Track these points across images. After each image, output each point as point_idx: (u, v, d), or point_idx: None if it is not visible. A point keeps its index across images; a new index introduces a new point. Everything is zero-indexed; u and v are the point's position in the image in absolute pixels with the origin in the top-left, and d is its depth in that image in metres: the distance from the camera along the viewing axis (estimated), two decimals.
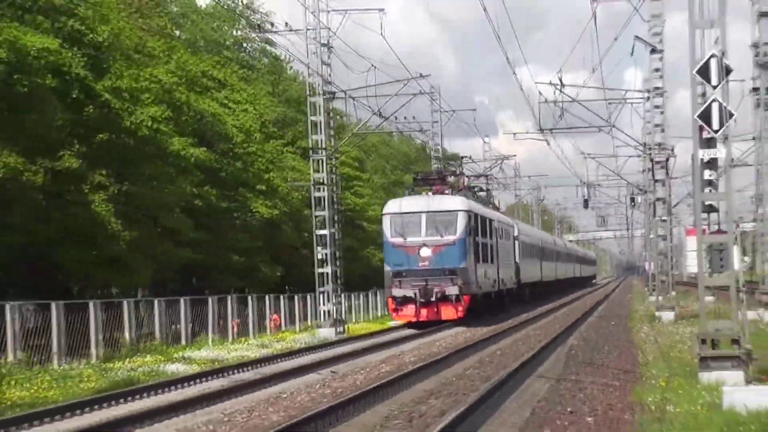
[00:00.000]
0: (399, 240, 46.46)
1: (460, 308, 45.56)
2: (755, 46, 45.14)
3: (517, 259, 64.76)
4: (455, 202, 48.32)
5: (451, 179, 54.50)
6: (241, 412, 20.73)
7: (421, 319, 45.38)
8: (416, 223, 46.63)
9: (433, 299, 45.24)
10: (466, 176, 63.77)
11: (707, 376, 20.59)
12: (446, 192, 50.29)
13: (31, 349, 30.94)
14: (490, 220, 54.82)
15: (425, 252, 45.89)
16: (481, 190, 65.38)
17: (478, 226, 50.07)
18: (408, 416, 19.14)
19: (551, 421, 17.75)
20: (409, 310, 45.61)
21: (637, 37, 49.58)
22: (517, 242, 65.47)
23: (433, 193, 49.35)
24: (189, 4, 64.99)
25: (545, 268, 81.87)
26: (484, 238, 51.92)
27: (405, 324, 47.02)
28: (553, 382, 23.80)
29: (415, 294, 45.19)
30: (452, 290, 45.38)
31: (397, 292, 45.68)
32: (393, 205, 48.58)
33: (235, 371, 29.66)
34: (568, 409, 19.09)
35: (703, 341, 21.07)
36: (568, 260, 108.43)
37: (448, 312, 45.50)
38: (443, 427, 16.28)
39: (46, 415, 20.69)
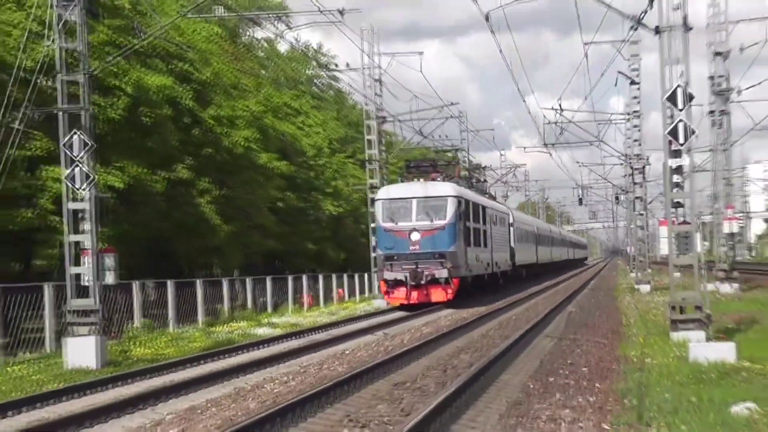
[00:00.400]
0: (390, 225, 38.74)
1: (450, 291, 38.01)
2: (711, 78, 44.97)
3: (512, 244, 57.40)
4: (445, 189, 40.01)
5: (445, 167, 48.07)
6: (314, 365, 20.69)
7: (411, 302, 37.85)
8: (407, 209, 38.82)
9: (423, 282, 37.67)
10: (464, 167, 57.49)
11: (676, 335, 20.44)
12: (438, 180, 42.16)
13: (153, 317, 31.15)
14: (483, 207, 46.62)
15: (415, 236, 38.16)
16: (478, 180, 59.46)
17: (469, 211, 41.91)
18: (444, 367, 19.05)
19: (555, 371, 17.60)
20: (400, 292, 38.05)
21: (619, 72, 49.36)
22: (512, 228, 57.86)
23: (425, 180, 41.39)
24: (272, 50, 65.01)
25: (541, 251, 74.79)
26: (477, 224, 43.77)
27: (397, 306, 39.03)
28: (556, 340, 23.62)
29: (406, 277, 37.68)
30: (442, 273, 37.69)
31: (389, 275, 38.12)
32: (385, 191, 40.81)
33: (310, 333, 29.63)
34: (569, 361, 18.93)
35: (673, 308, 20.89)
36: (562, 245, 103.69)
37: (437, 294, 37.94)
38: (470, 376, 16.18)
39: (165, 368, 20.80)
